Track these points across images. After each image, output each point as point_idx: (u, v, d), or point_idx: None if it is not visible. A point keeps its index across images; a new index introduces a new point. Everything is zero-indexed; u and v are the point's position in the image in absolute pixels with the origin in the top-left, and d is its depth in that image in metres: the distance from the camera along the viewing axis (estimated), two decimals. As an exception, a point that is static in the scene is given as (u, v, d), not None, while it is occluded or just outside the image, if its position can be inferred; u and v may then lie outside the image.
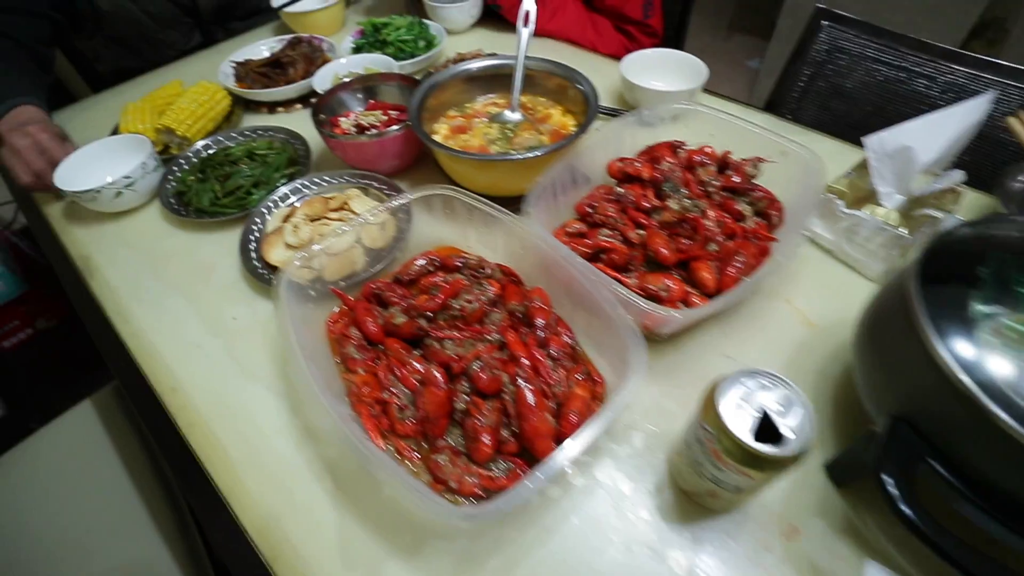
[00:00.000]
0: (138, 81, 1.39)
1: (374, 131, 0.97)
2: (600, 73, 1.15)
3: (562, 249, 0.67)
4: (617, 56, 1.45)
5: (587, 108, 0.90)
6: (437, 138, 0.97)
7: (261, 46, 1.34)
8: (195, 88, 1.16)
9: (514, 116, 0.99)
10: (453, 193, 0.76)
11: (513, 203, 0.76)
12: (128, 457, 1.02)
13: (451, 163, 0.90)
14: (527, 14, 0.92)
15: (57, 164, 0.98)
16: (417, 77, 1.08)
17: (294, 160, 1.05)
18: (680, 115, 0.90)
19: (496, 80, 1.03)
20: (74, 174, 0.99)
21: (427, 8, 1.41)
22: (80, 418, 1.09)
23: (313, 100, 1.15)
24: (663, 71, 1.15)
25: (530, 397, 0.58)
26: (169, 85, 1.23)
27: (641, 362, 0.55)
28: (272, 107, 1.22)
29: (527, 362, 0.61)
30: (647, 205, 0.80)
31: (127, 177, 0.96)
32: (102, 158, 1.03)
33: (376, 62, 1.21)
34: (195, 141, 1.11)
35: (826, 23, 1.22)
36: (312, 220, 0.89)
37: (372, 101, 1.08)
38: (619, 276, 0.70)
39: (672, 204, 0.78)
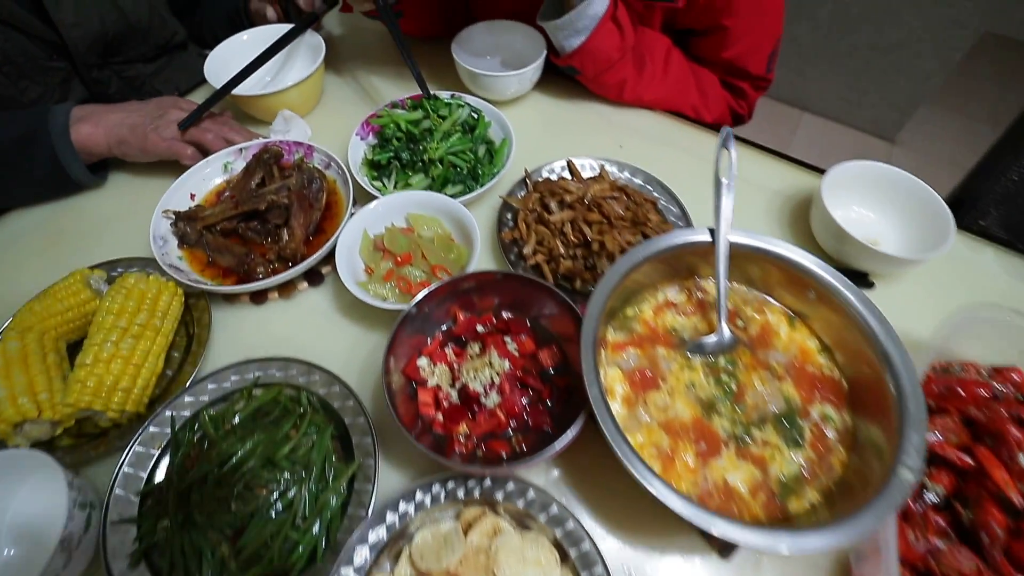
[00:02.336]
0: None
1: (509, 426, 0.54)
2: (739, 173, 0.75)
3: None
4: (720, 124, 1.06)
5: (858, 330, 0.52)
6: (615, 406, 0.55)
7: (206, 163, 0.80)
8: (117, 298, 0.64)
9: (724, 338, 0.59)
10: None
11: None
12: None
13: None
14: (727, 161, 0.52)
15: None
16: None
17: (341, 432, 0.59)
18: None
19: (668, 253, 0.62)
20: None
21: (463, 75, 0.92)
22: None
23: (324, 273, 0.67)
24: (871, 196, 0.78)
25: None
26: (69, 280, 0.69)
27: None
28: (259, 296, 0.72)
29: None
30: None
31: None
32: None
33: (431, 205, 0.74)
34: (139, 410, 0.61)
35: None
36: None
37: (460, 314, 0.63)
38: None
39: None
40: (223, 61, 0.91)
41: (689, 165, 0.88)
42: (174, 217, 0.73)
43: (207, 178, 0.80)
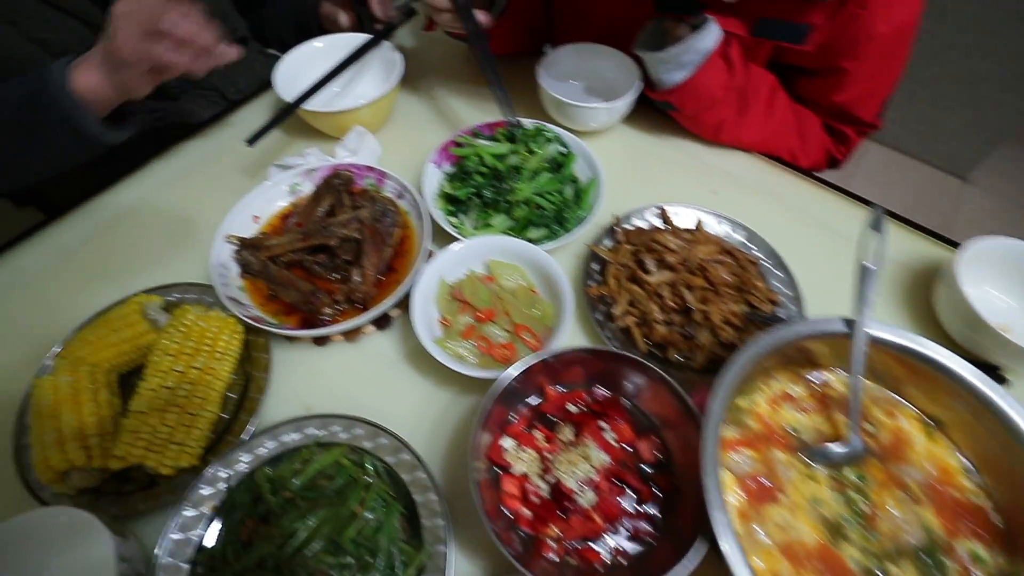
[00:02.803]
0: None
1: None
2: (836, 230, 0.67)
3: None
4: (818, 169, 0.97)
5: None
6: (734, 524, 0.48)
7: (272, 184, 0.74)
8: (176, 335, 0.59)
9: (853, 450, 0.51)
10: None
11: None
12: None
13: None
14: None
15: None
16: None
17: (409, 508, 0.54)
18: None
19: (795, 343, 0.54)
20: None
21: (546, 101, 0.85)
22: None
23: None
24: (1007, 276, 0.69)
25: None
26: (124, 308, 0.64)
27: None
28: (322, 338, 0.67)
29: None
30: None
31: None
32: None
33: (514, 252, 0.67)
34: (192, 463, 0.56)
35: None
36: None
37: (548, 387, 0.56)
38: None
39: None
40: (293, 71, 0.85)
41: (786, 216, 0.81)
42: (238, 244, 0.68)
43: (272, 200, 0.75)
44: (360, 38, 0.87)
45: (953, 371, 0.51)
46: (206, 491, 0.55)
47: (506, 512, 0.50)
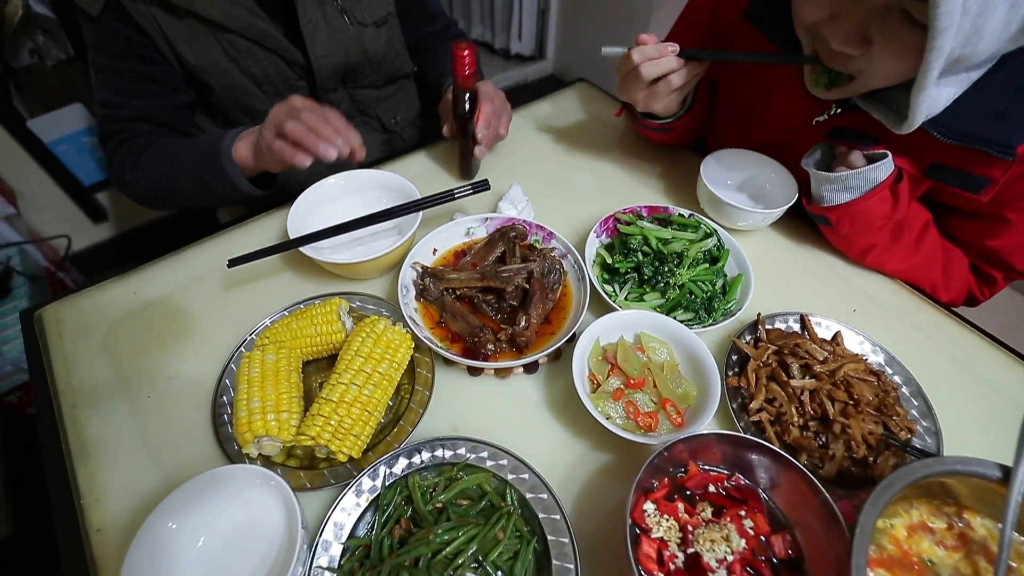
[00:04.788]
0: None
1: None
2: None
3: None
4: (955, 304, 0.97)
5: None
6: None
7: (454, 224, 0.85)
8: (368, 340, 0.68)
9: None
10: None
11: None
12: None
13: None
14: None
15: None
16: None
17: (542, 546, 0.58)
18: None
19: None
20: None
21: (703, 196, 0.91)
22: None
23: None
24: None
25: None
26: (325, 307, 0.74)
27: None
28: (476, 369, 0.74)
29: None
30: None
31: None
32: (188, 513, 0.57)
33: (666, 330, 0.73)
34: (356, 455, 0.64)
35: None
36: None
37: (692, 463, 0.60)
38: None
39: None
40: (311, 203, 0.89)
41: (927, 351, 0.81)
42: (421, 271, 0.77)
43: (451, 238, 0.85)
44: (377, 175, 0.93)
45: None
46: (367, 484, 0.62)
47: (642, 572, 0.53)
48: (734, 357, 0.75)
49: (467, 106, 0.89)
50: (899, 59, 0.64)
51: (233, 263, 0.77)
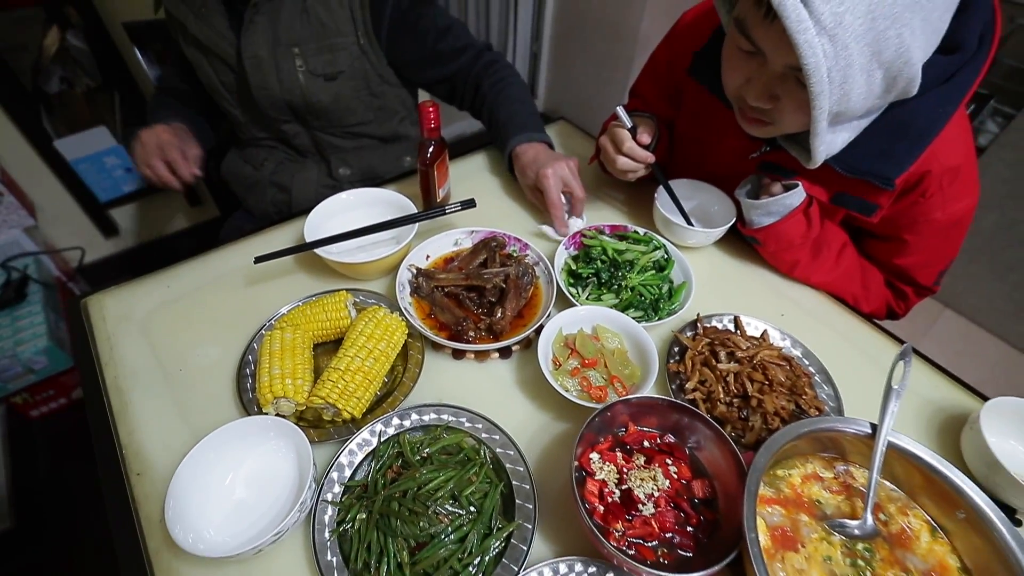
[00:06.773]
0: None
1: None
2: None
3: None
4: (878, 316, 1.14)
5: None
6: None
7: (445, 235, 1.00)
8: (370, 324, 0.82)
9: (866, 527, 0.65)
10: None
11: None
12: None
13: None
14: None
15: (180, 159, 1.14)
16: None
17: (507, 491, 0.71)
18: None
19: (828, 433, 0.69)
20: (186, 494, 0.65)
21: (658, 218, 1.08)
22: None
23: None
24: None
25: None
26: (335, 298, 0.88)
27: None
28: (460, 353, 0.88)
29: None
30: None
31: (276, 533, 0.61)
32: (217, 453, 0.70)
33: (618, 323, 0.87)
34: (357, 415, 0.77)
35: None
36: None
37: (631, 424, 0.74)
38: None
39: None
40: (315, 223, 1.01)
41: (842, 348, 0.96)
42: (416, 271, 0.92)
43: (442, 247, 1.00)
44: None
45: (963, 489, 0.64)
46: (366, 437, 0.75)
47: (585, 503, 0.67)
48: (676, 348, 0.90)
49: (429, 155, 1.01)
50: (799, 111, 0.81)
51: (259, 260, 0.92)
